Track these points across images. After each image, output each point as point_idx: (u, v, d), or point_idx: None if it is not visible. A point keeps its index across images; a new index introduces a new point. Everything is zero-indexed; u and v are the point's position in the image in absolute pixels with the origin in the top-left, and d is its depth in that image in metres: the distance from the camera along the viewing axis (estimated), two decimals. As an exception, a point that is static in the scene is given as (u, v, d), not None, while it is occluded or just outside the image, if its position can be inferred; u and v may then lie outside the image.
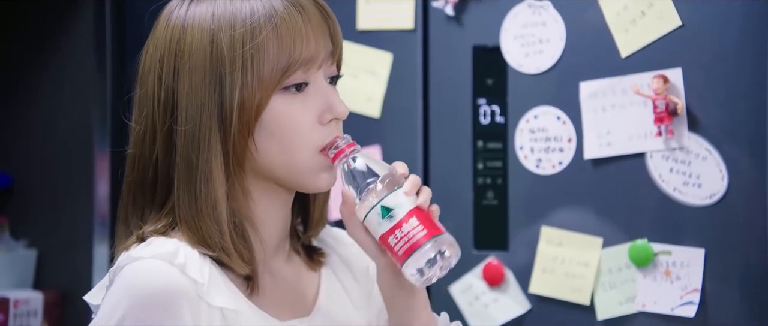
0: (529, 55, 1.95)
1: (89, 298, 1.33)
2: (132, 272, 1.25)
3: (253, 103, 1.28)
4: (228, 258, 1.29)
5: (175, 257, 1.25)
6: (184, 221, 1.29)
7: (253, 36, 1.27)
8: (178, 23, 1.31)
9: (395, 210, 1.27)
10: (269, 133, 1.29)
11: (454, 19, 2.00)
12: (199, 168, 1.28)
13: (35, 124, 2.39)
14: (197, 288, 1.25)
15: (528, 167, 1.96)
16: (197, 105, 1.28)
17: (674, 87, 1.80)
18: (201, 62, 1.28)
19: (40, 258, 2.38)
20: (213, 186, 1.28)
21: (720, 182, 1.79)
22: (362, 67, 2.05)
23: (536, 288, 1.94)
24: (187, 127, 1.28)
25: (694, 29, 1.80)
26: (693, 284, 1.81)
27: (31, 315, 2.29)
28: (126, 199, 1.35)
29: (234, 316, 1.28)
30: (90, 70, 2.30)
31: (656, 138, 1.82)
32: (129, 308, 1.22)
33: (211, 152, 1.28)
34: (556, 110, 1.93)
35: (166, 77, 1.30)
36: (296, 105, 1.30)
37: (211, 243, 1.28)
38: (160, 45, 1.32)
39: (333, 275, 1.46)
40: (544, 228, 1.93)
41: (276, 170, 1.31)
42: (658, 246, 1.84)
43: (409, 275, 1.27)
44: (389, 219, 1.27)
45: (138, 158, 1.33)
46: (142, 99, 1.33)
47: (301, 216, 1.44)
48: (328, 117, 1.32)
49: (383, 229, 1.28)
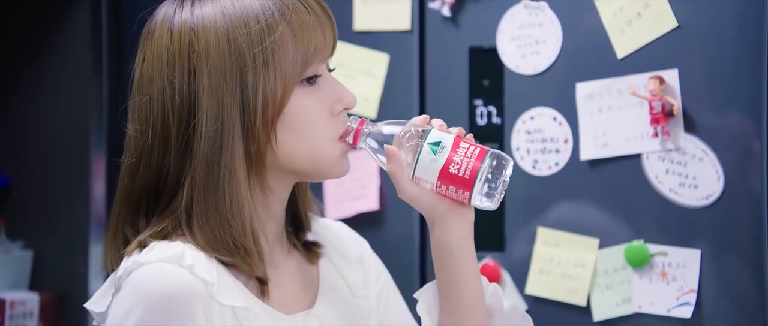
0: (525, 56, 1.95)
1: (91, 306, 1.31)
2: (142, 276, 1.24)
3: (276, 99, 1.29)
4: (249, 259, 1.29)
5: (183, 259, 1.25)
6: (198, 225, 1.28)
7: (270, 32, 1.28)
8: (185, 27, 1.30)
9: (444, 142, 1.30)
10: (290, 127, 1.31)
11: (450, 20, 2.00)
12: (222, 169, 1.28)
13: (32, 124, 2.38)
14: (207, 288, 1.25)
15: (524, 168, 1.96)
16: (219, 105, 1.28)
17: (670, 88, 1.80)
18: (220, 62, 1.28)
19: (37, 259, 2.38)
20: (237, 185, 1.29)
21: (716, 183, 1.79)
22: (359, 68, 2.05)
23: (533, 288, 1.94)
24: (208, 129, 1.28)
25: (691, 30, 1.80)
26: (689, 285, 1.81)
27: (27, 317, 2.29)
28: (118, 209, 1.34)
29: (245, 314, 1.29)
30: (87, 70, 2.30)
31: (652, 139, 1.82)
32: (143, 313, 1.22)
33: (235, 151, 1.29)
34: (553, 111, 1.93)
35: (179, 81, 1.29)
36: (313, 98, 1.32)
37: (231, 244, 1.29)
38: (165, 50, 1.31)
39: (331, 266, 1.47)
40: (541, 229, 1.94)
41: (298, 163, 1.33)
42: (654, 247, 1.84)
43: (479, 196, 1.30)
44: (442, 151, 1.30)
45: (143, 167, 1.32)
46: (146, 107, 1.31)
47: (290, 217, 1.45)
48: (339, 107, 1.34)
49: (440, 164, 1.30)
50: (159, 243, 1.28)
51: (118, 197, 1.34)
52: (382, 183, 2.05)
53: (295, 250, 1.44)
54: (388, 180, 2.04)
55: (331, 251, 1.48)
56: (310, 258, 1.45)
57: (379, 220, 2.04)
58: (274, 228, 1.38)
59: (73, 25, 2.32)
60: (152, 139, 1.31)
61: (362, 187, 2.06)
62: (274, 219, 1.37)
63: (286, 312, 1.36)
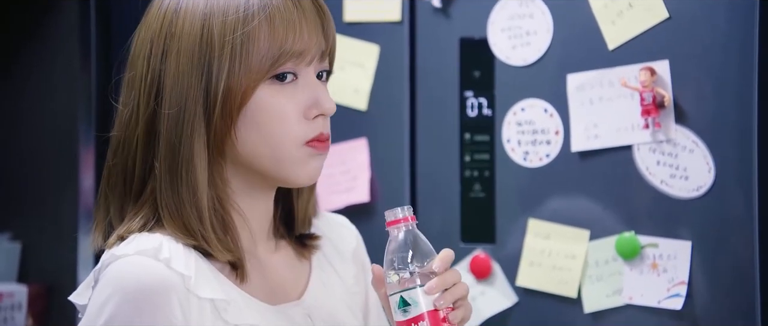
0: (516, 47, 1.94)
1: (75, 298, 1.32)
2: (117, 269, 1.24)
3: (238, 91, 1.27)
4: (208, 246, 1.28)
5: (160, 252, 1.25)
6: (166, 208, 1.28)
7: (245, 23, 1.27)
8: (172, 7, 1.30)
9: (411, 307, 1.28)
10: (253, 123, 1.29)
11: (441, 11, 1.99)
12: (182, 154, 1.28)
13: (19, 115, 2.37)
14: (185, 282, 1.25)
15: (515, 160, 1.95)
16: (183, 89, 1.28)
17: (661, 79, 1.80)
18: (190, 46, 1.28)
19: (25, 250, 2.37)
20: (194, 172, 1.27)
21: (707, 174, 1.79)
22: (349, 60, 2.04)
23: (523, 281, 1.94)
24: (171, 111, 1.28)
25: (682, 21, 1.80)
26: (680, 276, 1.81)
27: (16, 309, 2.28)
28: (106, 184, 1.35)
29: (225, 306, 1.28)
30: (75, 61, 2.29)
31: (643, 130, 1.82)
32: (117, 305, 1.22)
33: (195, 138, 1.27)
34: (544, 103, 1.92)
35: (154, 59, 1.30)
36: (283, 97, 1.30)
37: (192, 230, 1.28)
38: (152, 28, 1.31)
39: (324, 260, 1.46)
40: (532, 221, 1.93)
41: (257, 161, 1.31)
42: (644, 239, 1.84)
43: None
44: (403, 312, 1.29)
45: (122, 142, 1.32)
46: (131, 82, 1.32)
47: (284, 214, 1.44)
48: (314, 112, 1.31)
49: (397, 317, 1.30)
50: (139, 235, 1.28)
51: (105, 171, 1.35)
52: (373, 175, 2.04)
53: (286, 244, 1.44)
54: (378, 172, 2.04)
55: (327, 245, 1.48)
56: (302, 252, 1.44)
57: (369, 212, 2.03)
58: (260, 223, 1.37)
59: (62, 17, 2.32)
60: (130, 116, 1.31)
61: (352, 179, 2.05)
62: (258, 214, 1.36)
63: (273, 304, 1.35)
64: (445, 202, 2.00)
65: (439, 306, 1.28)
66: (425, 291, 1.28)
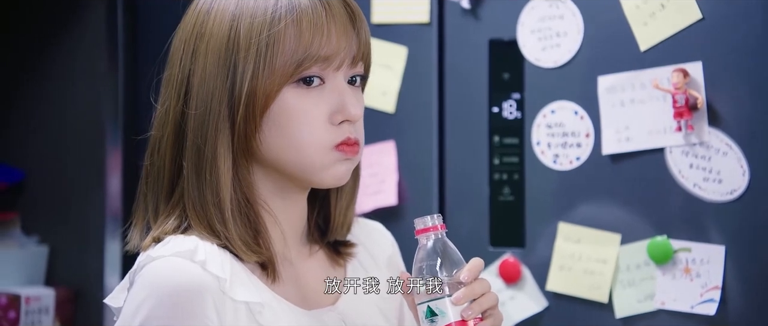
0: (546, 48, 1.92)
1: (110, 301, 1.32)
2: (153, 271, 1.24)
3: (262, 93, 1.27)
4: (232, 247, 1.28)
5: (195, 254, 1.25)
6: (192, 209, 1.29)
7: (272, 25, 1.27)
8: (205, 7, 1.31)
9: (438, 317, 1.27)
10: (277, 126, 1.29)
11: (469, 12, 1.98)
12: (206, 155, 1.28)
13: (46, 119, 2.38)
14: (220, 284, 1.24)
15: (545, 162, 1.93)
16: (209, 89, 1.28)
17: (694, 81, 1.78)
18: (217, 47, 1.28)
19: (52, 254, 2.37)
20: (217, 173, 1.28)
21: (741, 178, 1.76)
22: (377, 61, 2.02)
23: (553, 285, 1.92)
24: (197, 111, 1.28)
25: (715, 22, 1.78)
26: (713, 281, 1.79)
27: (43, 312, 2.28)
28: (145, 184, 1.35)
29: (259, 309, 1.28)
30: (101, 64, 2.30)
31: (676, 133, 1.80)
32: (153, 307, 1.22)
33: (219, 138, 1.28)
34: (574, 105, 1.90)
35: (185, 59, 1.31)
36: (308, 101, 1.29)
37: (216, 231, 1.28)
38: (186, 28, 1.32)
39: (359, 267, 1.45)
40: (562, 225, 1.91)
41: (283, 163, 1.31)
42: (677, 243, 1.81)
43: None
44: (431, 321, 1.27)
45: (157, 141, 1.33)
46: (166, 81, 1.34)
47: (322, 218, 1.43)
48: (339, 118, 1.30)
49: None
50: (174, 237, 1.28)
51: (143, 172, 1.36)
52: (401, 178, 2.03)
53: (321, 250, 1.43)
54: (406, 175, 2.02)
55: (362, 252, 1.47)
56: (337, 259, 1.44)
57: (397, 215, 2.02)
58: (293, 225, 1.36)
59: (88, 19, 2.32)
60: (164, 115, 1.33)
61: (380, 182, 2.04)
62: (291, 216, 1.36)
63: (306, 308, 1.34)
64: (473, 206, 1.98)
65: (467, 316, 1.27)
66: (452, 301, 1.27)
